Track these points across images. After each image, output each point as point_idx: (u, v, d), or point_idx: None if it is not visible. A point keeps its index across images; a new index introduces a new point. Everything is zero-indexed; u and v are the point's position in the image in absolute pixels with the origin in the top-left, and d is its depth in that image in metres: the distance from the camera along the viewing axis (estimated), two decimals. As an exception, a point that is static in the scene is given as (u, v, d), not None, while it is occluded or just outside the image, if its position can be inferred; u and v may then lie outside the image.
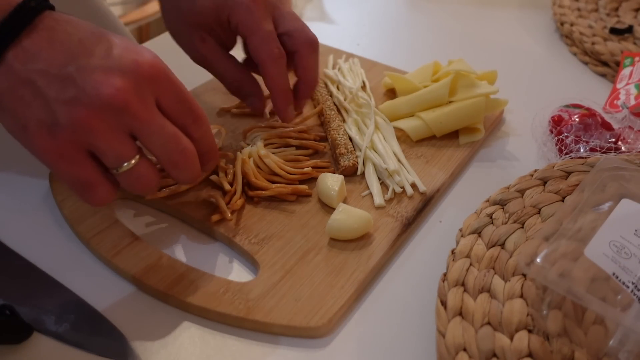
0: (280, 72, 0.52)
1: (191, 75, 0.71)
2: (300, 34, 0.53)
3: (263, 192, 0.50)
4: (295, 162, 0.54)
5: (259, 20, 0.50)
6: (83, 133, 0.37)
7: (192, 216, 0.49)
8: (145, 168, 0.40)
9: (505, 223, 0.46)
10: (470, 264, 0.43)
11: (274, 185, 0.50)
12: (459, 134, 0.58)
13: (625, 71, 0.68)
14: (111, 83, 0.37)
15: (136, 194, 0.43)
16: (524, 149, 0.59)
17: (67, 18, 0.40)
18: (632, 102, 0.62)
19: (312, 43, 0.54)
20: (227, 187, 0.50)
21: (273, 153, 0.53)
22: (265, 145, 0.54)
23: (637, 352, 0.36)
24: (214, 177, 0.51)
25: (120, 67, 0.38)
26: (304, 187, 0.51)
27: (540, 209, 0.47)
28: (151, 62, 0.39)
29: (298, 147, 0.56)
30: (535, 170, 0.52)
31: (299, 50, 0.53)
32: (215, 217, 0.48)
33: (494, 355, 0.37)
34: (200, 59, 0.55)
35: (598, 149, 0.54)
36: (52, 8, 0.40)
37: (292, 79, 0.55)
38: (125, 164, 0.39)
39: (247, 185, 0.51)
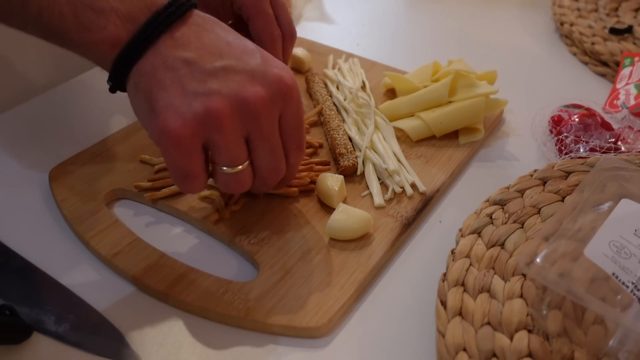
0: (277, 53, 0.53)
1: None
2: (286, 25, 0.54)
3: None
4: None
5: (262, 2, 0.52)
6: (212, 125, 0.38)
7: (192, 216, 0.49)
8: (248, 175, 0.42)
9: (505, 223, 0.46)
10: (470, 264, 0.43)
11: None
12: (458, 134, 0.58)
13: (625, 71, 0.68)
14: (253, 89, 0.39)
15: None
16: (524, 149, 0.59)
17: (214, 19, 0.42)
18: (632, 102, 0.62)
19: (292, 36, 0.55)
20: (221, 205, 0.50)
21: None
22: None
23: (637, 352, 0.36)
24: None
25: (264, 77, 0.40)
26: (306, 180, 0.51)
27: (540, 209, 0.47)
28: (291, 80, 0.41)
29: None
30: (535, 170, 0.52)
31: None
32: (213, 217, 0.48)
33: (494, 355, 0.37)
34: None
35: (598, 149, 0.54)
36: (196, 6, 0.42)
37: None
38: (234, 168, 0.41)
39: None
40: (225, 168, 0.40)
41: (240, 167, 0.41)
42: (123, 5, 0.39)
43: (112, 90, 0.42)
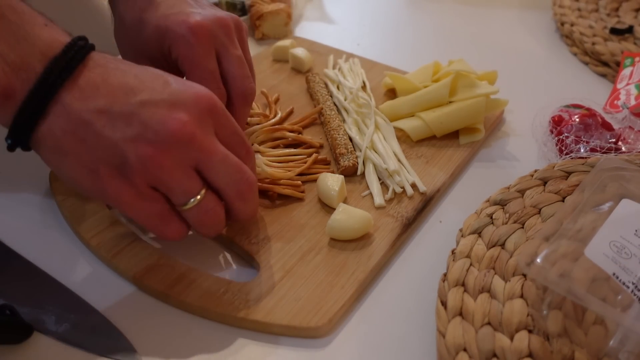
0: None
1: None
2: (237, 83, 0.48)
3: (276, 188, 0.50)
4: (292, 161, 0.54)
5: (199, 56, 0.46)
6: (153, 170, 0.37)
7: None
8: (212, 202, 0.40)
9: (506, 223, 0.46)
10: (471, 264, 0.43)
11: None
12: (459, 134, 0.58)
13: (626, 71, 0.68)
14: (176, 117, 0.37)
15: (205, 235, 0.43)
16: (524, 149, 0.59)
17: (114, 57, 0.40)
18: (633, 102, 0.62)
19: (246, 96, 0.49)
20: None
21: (269, 154, 0.54)
22: (260, 144, 0.55)
23: (637, 352, 0.36)
24: None
25: (183, 101, 0.38)
26: (298, 183, 0.51)
27: (540, 209, 0.47)
28: (209, 95, 0.39)
29: (296, 147, 0.56)
30: (536, 171, 0.52)
31: (231, 99, 0.49)
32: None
33: (494, 355, 0.37)
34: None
35: (598, 149, 0.54)
36: (94, 49, 0.39)
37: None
38: (192, 199, 0.39)
39: None
40: (185, 205, 0.39)
41: (198, 196, 0.39)
42: (12, 51, 0.36)
43: (11, 148, 0.38)
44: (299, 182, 0.51)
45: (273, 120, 0.58)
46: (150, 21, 0.48)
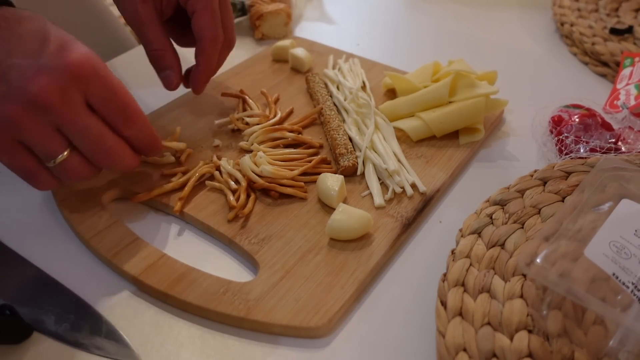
0: (215, 52, 0.53)
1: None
2: (226, 31, 0.54)
3: (279, 187, 0.50)
4: (292, 161, 0.54)
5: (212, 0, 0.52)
6: (13, 128, 0.39)
7: (192, 216, 0.49)
8: (76, 162, 0.42)
9: (505, 223, 0.46)
10: (470, 264, 0.43)
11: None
12: (459, 134, 0.58)
13: (625, 71, 0.68)
14: (37, 81, 0.38)
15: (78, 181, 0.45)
16: (524, 149, 0.59)
17: (21, 14, 0.41)
18: (632, 102, 0.62)
19: (229, 43, 0.56)
20: (231, 201, 0.49)
21: (270, 153, 0.54)
22: (259, 144, 0.55)
23: (637, 352, 0.36)
24: (217, 185, 0.51)
25: (49, 66, 0.39)
26: (300, 184, 0.51)
27: (540, 209, 0.47)
28: (81, 60, 0.40)
29: (296, 147, 0.56)
30: (535, 171, 0.52)
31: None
32: (230, 216, 0.48)
33: (494, 355, 0.37)
34: (133, 20, 0.53)
35: (598, 149, 0.54)
36: (9, 4, 0.41)
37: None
38: (53, 160, 0.41)
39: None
40: (48, 163, 0.41)
41: (60, 157, 0.41)
42: None
43: None
44: (302, 182, 0.51)
45: (273, 121, 0.58)
46: None
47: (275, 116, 0.59)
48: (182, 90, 0.64)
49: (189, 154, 0.55)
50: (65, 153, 0.41)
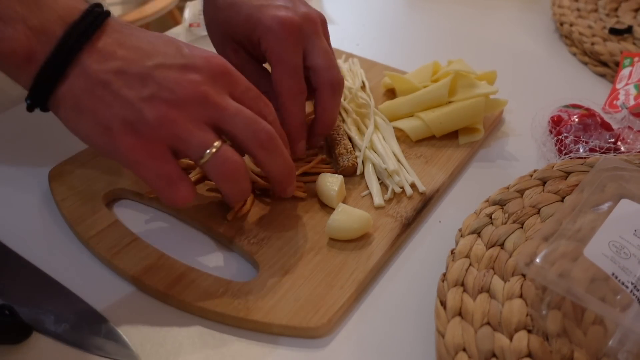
0: (297, 108, 0.50)
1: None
2: (325, 73, 0.50)
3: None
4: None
5: (287, 51, 0.48)
6: (168, 127, 0.39)
7: (192, 216, 0.49)
8: (229, 152, 0.40)
9: (505, 223, 0.46)
10: (470, 264, 0.43)
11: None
12: (458, 134, 0.58)
13: (625, 71, 0.68)
14: (189, 78, 0.40)
15: (231, 198, 0.43)
16: (524, 149, 0.59)
17: (129, 24, 0.42)
18: (632, 102, 0.62)
19: (334, 85, 0.50)
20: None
21: None
22: None
23: (636, 352, 0.36)
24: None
25: (194, 64, 0.40)
26: (300, 184, 0.51)
27: (539, 209, 0.47)
28: (220, 59, 0.42)
29: None
30: (535, 171, 0.52)
31: (320, 89, 0.50)
32: (230, 216, 0.48)
33: (494, 355, 0.37)
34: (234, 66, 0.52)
35: (597, 149, 0.54)
36: (109, 16, 0.42)
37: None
38: (208, 150, 0.40)
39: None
40: (202, 159, 0.40)
41: (213, 149, 0.40)
42: (33, 15, 0.38)
43: (30, 108, 0.40)
44: (301, 182, 0.51)
45: None
46: (243, 8, 0.50)
47: None
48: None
49: None
50: (218, 142, 0.40)
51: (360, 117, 0.59)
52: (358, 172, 0.53)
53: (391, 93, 0.65)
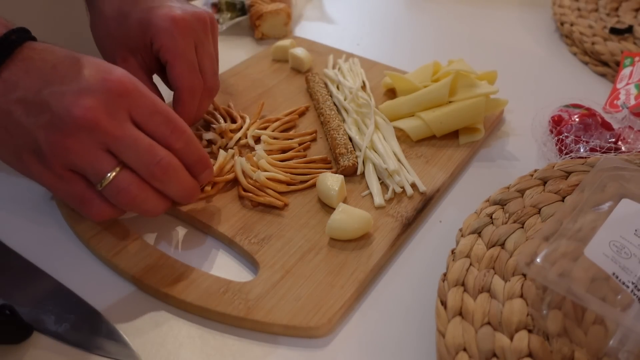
0: (194, 102, 0.51)
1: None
2: (207, 77, 0.52)
3: (255, 197, 0.50)
4: (292, 159, 0.54)
5: (181, 48, 0.50)
6: (62, 154, 0.39)
7: (192, 216, 0.49)
8: (127, 180, 0.40)
9: (505, 223, 0.46)
10: (470, 264, 0.43)
11: (263, 197, 0.50)
12: (459, 134, 0.58)
13: (625, 71, 0.68)
14: (81, 104, 0.39)
15: (143, 214, 0.43)
16: (524, 149, 0.59)
17: (46, 46, 0.42)
18: (632, 102, 0.62)
19: (211, 90, 0.53)
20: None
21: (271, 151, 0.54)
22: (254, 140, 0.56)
23: (637, 352, 0.36)
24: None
25: (89, 88, 0.39)
26: (285, 200, 0.50)
27: (540, 209, 0.47)
28: (120, 78, 0.40)
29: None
30: (535, 170, 0.52)
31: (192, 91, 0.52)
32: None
33: (494, 355, 0.37)
34: None
35: (598, 149, 0.54)
36: (33, 39, 0.42)
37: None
38: (105, 176, 0.40)
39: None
40: (100, 185, 0.40)
41: (110, 176, 0.40)
42: None
43: None
44: (297, 182, 0.52)
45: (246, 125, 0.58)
46: (132, 14, 0.51)
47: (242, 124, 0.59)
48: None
49: None
50: (117, 169, 0.40)
51: (361, 117, 0.59)
52: (358, 172, 0.53)
53: (391, 93, 0.65)
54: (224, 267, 0.46)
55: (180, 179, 0.42)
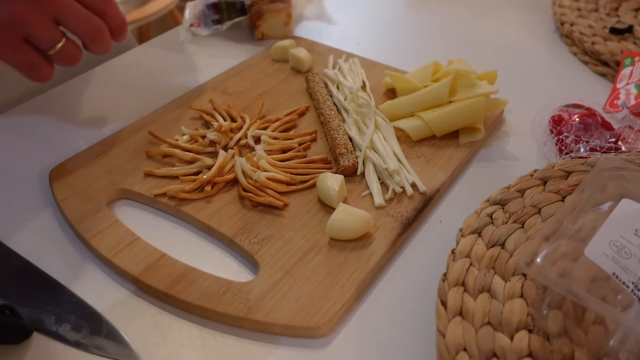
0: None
1: (192, 75, 0.71)
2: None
3: (255, 197, 0.50)
4: (292, 159, 0.54)
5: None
6: (19, 24, 0.47)
7: (192, 216, 0.49)
8: (72, 47, 0.51)
9: (506, 223, 0.46)
10: (471, 264, 0.43)
11: (263, 197, 0.50)
12: (459, 134, 0.58)
13: (625, 71, 0.68)
14: None
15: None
16: (524, 149, 0.59)
17: None
18: (632, 101, 0.62)
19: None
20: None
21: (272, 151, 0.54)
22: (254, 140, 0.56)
23: (637, 352, 0.36)
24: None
25: None
26: (285, 200, 0.50)
27: (540, 209, 0.47)
28: None
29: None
30: (536, 170, 0.52)
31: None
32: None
33: (494, 355, 0.37)
34: None
35: (598, 148, 0.54)
36: None
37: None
38: (56, 46, 0.49)
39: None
40: (51, 51, 0.49)
41: (60, 44, 0.50)
42: None
43: None
44: (297, 182, 0.52)
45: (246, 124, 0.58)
46: None
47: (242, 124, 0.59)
48: (181, 90, 0.65)
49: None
50: (64, 40, 0.50)
51: (361, 117, 0.59)
52: (358, 172, 0.53)
53: (392, 93, 0.65)
54: (224, 267, 0.46)
55: (107, 40, 0.52)
